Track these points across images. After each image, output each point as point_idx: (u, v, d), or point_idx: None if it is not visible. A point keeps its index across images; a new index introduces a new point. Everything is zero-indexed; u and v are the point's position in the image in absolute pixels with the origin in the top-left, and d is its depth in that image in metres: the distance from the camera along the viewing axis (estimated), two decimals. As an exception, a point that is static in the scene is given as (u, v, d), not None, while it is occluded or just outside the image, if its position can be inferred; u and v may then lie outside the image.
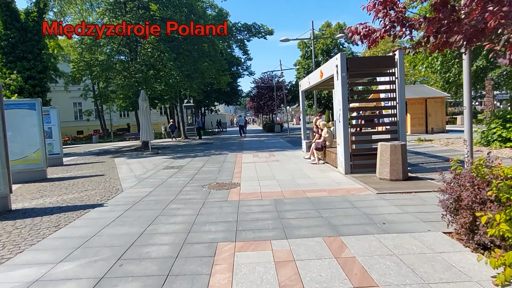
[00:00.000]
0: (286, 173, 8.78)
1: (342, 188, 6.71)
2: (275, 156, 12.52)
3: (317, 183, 7.30)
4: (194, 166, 10.74)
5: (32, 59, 17.95)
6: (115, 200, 6.46)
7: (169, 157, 13.85)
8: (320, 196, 6.10)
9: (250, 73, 34.96)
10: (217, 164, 10.98)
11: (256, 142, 20.88)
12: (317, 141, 10.23)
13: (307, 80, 12.40)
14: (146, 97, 15.69)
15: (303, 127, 13.84)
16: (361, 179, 7.49)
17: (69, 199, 6.80)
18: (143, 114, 15.44)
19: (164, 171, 9.99)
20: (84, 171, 10.97)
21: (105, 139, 34.81)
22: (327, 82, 10.91)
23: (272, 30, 19.41)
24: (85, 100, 38.45)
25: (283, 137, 24.17)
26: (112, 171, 10.70)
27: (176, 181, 8.23)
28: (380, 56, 10.62)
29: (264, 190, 6.82)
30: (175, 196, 6.56)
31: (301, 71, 39.63)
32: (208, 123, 46.39)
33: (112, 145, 24.46)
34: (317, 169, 9.30)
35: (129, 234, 4.43)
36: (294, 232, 4.26)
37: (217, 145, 19.38)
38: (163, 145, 21.76)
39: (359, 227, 4.35)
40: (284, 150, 14.84)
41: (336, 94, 8.41)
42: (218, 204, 5.84)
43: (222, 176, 8.76)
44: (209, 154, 14.34)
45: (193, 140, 26.36)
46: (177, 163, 11.73)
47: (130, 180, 8.70)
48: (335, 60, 8.32)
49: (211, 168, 10.17)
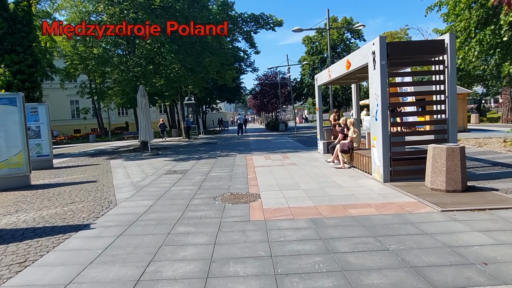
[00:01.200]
0: (311, 180, 7.42)
1: (390, 203, 5.36)
2: (290, 159, 11.16)
3: (354, 195, 5.95)
4: (200, 171, 9.38)
5: (22, 52, 16.52)
6: (105, 219, 5.10)
7: (171, 159, 12.49)
8: (369, 215, 4.75)
9: (253, 70, 33.54)
10: (227, 168, 9.62)
11: (263, 142, 19.52)
12: (342, 142, 8.87)
13: (326, 73, 11.03)
14: (145, 92, 14.32)
15: (319, 126, 12.47)
16: (407, 189, 6.14)
17: (49, 216, 5.44)
18: (142, 111, 14.07)
19: (166, 177, 8.63)
20: (74, 176, 9.60)
21: (102, 138, 33.41)
22: (352, 75, 9.56)
23: (282, 21, 18.01)
24: (82, 98, 37.05)
25: (290, 137, 22.81)
26: (106, 176, 9.34)
27: (181, 191, 6.87)
28: (427, 41, 9.19)
29: (293, 204, 5.47)
30: (181, 213, 5.20)
31: (306, 67, 38.26)
32: (209, 122, 45.02)
33: (109, 145, 23.08)
34: (346, 175, 7.95)
35: (120, 282, 3.07)
36: (362, 280, 2.91)
37: (222, 145, 18.01)
38: (163, 145, 20.39)
39: (453, 271, 3.00)
40: (297, 151, 13.48)
41: (373, 86, 7.05)
42: (239, 226, 4.48)
43: (235, 183, 7.40)
44: (215, 156, 12.97)
45: (194, 139, 24.99)
46: (180, 167, 10.37)
47: (126, 189, 7.34)
48: (371, 46, 6.96)
49: (220, 173, 8.81)
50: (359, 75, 9.59)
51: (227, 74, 20.26)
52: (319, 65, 38.64)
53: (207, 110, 46.15)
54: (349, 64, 8.55)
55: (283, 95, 36.00)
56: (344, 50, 37.82)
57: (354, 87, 12.27)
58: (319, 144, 12.40)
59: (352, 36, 37.84)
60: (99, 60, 14.32)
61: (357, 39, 38.49)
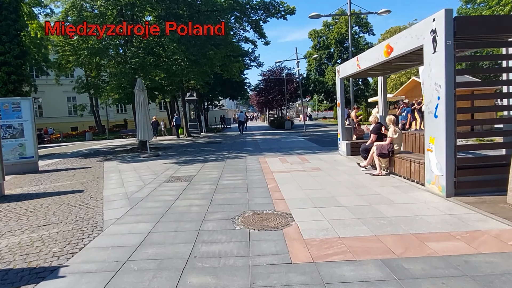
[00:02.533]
0: (349, 192, 5.94)
1: (478, 231, 3.88)
2: (310, 162, 9.67)
3: (418, 216, 4.47)
4: (209, 177, 7.89)
5: (8, 42, 15.03)
6: (83, 257, 3.61)
7: (173, 162, 11.00)
8: (463, 254, 3.28)
9: (258, 65, 31.87)
10: (239, 174, 8.13)
11: (272, 141, 18.01)
12: (380, 144, 7.37)
13: (353, 63, 9.50)
14: (144, 86, 12.80)
15: (341, 125, 10.96)
16: (484, 207, 4.67)
17: (8, 249, 3.96)
18: (140, 107, 12.57)
19: (168, 186, 7.15)
20: (59, 183, 8.12)
21: (99, 136, 31.92)
22: (388, 64, 8.06)
23: (294, 8, 16.46)
24: (79, 94, 35.50)
25: (299, 135, 21.31)
26: (96, 183, 7.86)
27: (188, 207, 5.39)
28: (504, 16, 7.63)
29: (343, 232, 3.99)
30: (191, 247, 3.72)
31: (312, 63, 36.72)
32: (211, 119, 43.49)
33: (106, 144, 21.59)
34: (388, 184, 6.47)
35: None
36: None
37: (228, 145, 16.51)
38: (163, 144, 18.89)
39: None
40: (315, 152, 11.99)
41: (431, 75, 5.55)
42: (280, 276, 3.00)
43: (254, 195, 5.92)
44: (223, 158, 11.48)
45: (197, 138, 23.51)
46: (184, 172, 8.88)
47: (118, 204, 5.86)
48: (430, 22, 5.45)
49: (233, 181, 7.32)
50: (399, 63, 8.09)
51: (233, 67, 18.67)
52: (325, 60, 37.09)
53: (209, 107, 44.61)
54: (391, 49, 7.04)
55: (289, 91, 34.42)
56: (352, 44, 36.20)
57: (381, 80, 10.78)
58: (341, 144, 10.92)
59: (361, 30, 36.25)
60: (92, 50, 12.79)
61: (365, 33, 36.92)
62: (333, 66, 35.98)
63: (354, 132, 11.33)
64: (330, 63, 36.56)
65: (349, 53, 13.37)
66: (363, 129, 11.36)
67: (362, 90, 34.08)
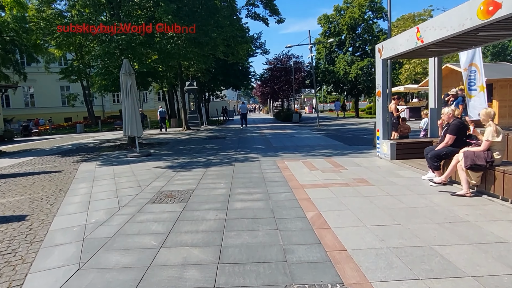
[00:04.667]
0: (450, 235, 3.55)
1: None
2: (347, 168, 7.28)
3: None
4: (214, 195, 5.49)
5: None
6: None
7: (166, 165, 8.62)
8: None
9: (264, 52, 29.17)
10: (257, 190, 5.74)
11: (284, 136, 15.56)
12: (471, 151, 4.94)
13: (411, 36, 6.97)
14: (132, 70, 10.34)
15: (382, 118, 8.53)
16: None
17: None
18: (127, 95, 10.13)
19: (153, 213, 4.76)
20: (4, 200, 5.75)
21: (92, 128, 29.46)
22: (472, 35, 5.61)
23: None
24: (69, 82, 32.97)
25: (313, 130, 18.87)
26: (52, 203, 5.48)
27: (180, 271, 3.01)
28: None
29: None
30: None
31: (322, 51, 33.96)
32: (212, 111, 40.94)
33: (95, 138, 19.18)
34: (503, 218, 4.09)
35: None
36: None
37: (234, 141, 14.09)
38: (158, 139, 16.49)
39: None
40: (344, 153, 9.58)
41: None
42: None
43: (292, 240, 3.54)
44: (229, 159, 9.09)
45: (197, 131, 21.10)
46: (180, 182, 6.50)
47: (61, 254, 3.47)
48: None
49: (250, 203, 4.93)
50: (492, 33, 5.60)
51: (240, 49, 16.05)
52: (336, 48, 34.30)
53: (211, 98, 42.02)
54: (495, 5, 4.56)
55: (297, 81, 31.80)
56: (365, 31, 33.45)
57: (435, 61, 8.35)
58: (382, 145, 8.50)
59: (375, 16, 33.51)
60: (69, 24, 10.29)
61: (379, 19, 34.17)
62: (344, 55, 33.24)
63: (398, 129, 8.91)
64: (341, 51, 33.83)
65: (388, 27, 10.84)
66: (409, 125, 8.94)
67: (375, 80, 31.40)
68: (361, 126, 19.84)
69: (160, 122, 22.72)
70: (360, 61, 32.03)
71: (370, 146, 10.68)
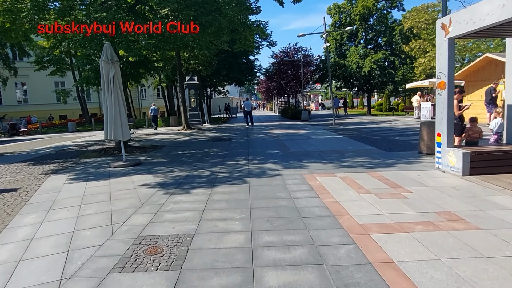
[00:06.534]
0: None
1: None
2: (411, 191, 5.11)
3: None
4: (224, 249, 3.32)
5: None
6: None
7: (156, 182, 6.47)
8: None
9: (270, 44, 26.84)
10: (293, 237, 3.58)
11: (299, 138, 13.34)
12: None
13: (504, 3, 4.80)
14: (115, 57, 8.15)
15: (447, 119, 6.33)
16: None
17: None
18: (109, 88, 7.97)
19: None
20: None
21: (85, 127, 27.31)
22: None
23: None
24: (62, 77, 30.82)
25: (329, 129, 16.67)
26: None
27: None
28: None
29: None
30: None
31: (332, 43, 31.60)
32: (214, 108, 38.70)
33: (84, 139, 17.02)
34: None
35: None
36: None
37: (242, 144, 11.90)
38: (154, 140, 14.34)
39: None
40: (387, 163, 7.38)
41: None
42: None
43: None
44: (241, 175, 6.88)
45: (198, 130, 18.94)
46: (171, 218, 4.35)
47: None
48: None
49: (291, 275, 2.77)
50: None
51: (248, 34, 13.71)
52: (346, 41, 31.96)
53: (212, 94, 39.77)
54: None
55: (306, 76, 29.54)
56: (378, 21, 31.06)
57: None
58: (448, 153, 6.31)
59: (389, 5, 31.15)
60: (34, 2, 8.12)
61: (393, 9, 31.79)
62: (356, 47, 30.90)
63: (467, 133, 6.71)
64: (353, 43, 31.53)
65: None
66: (480, 128, 6.75)
67: (390, 74, 29.11)
68: (383, 126, 17.61)
69: (152, 121, 21.90)
70: (374, 54, 29.74)
71: (414, 153, 8.53)
